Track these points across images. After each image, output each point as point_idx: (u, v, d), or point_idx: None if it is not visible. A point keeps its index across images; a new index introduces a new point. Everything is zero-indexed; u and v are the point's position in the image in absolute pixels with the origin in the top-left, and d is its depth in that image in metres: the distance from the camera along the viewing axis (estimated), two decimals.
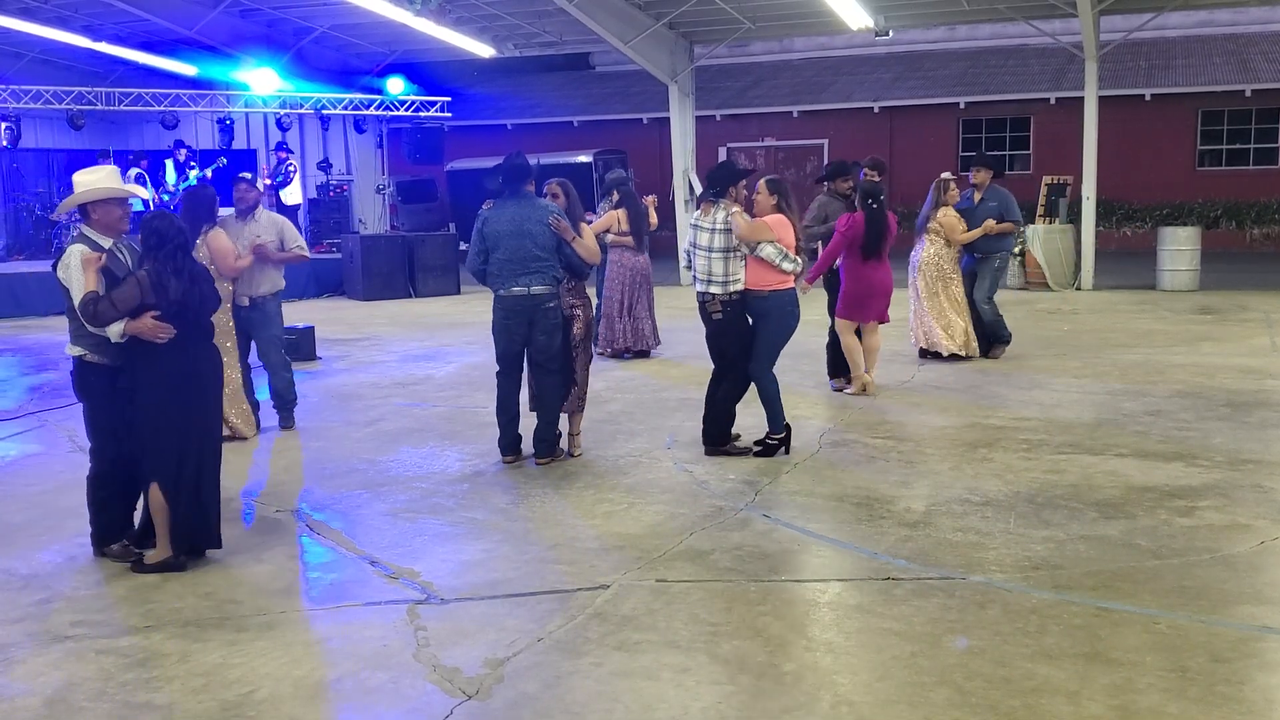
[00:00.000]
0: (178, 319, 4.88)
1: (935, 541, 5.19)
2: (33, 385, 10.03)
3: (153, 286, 4.83)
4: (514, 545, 5.29)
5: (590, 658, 3.98)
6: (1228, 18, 24.87)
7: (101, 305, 4.78)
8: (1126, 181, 23.06)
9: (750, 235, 6.66)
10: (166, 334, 4.84)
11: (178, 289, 4.87)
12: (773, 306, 6.80)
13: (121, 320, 4.79)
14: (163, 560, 4.97)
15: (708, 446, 7.00)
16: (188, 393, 4.95)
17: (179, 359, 4.92)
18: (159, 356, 4.88)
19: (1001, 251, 10.28)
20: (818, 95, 26.11)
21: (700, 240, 6.81)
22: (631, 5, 17.31)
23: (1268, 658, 3.97)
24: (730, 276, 6.76)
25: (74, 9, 17.82)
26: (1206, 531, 5.29)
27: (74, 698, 3.77)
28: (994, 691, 3.66)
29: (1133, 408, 8.06)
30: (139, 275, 4.86)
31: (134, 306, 4.80)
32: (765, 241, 6.67)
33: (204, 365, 5.07)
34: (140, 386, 4.93)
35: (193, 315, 4.98)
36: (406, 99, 20.16)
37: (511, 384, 6.81)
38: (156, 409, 4.90)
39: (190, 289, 4.93)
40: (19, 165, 20.05)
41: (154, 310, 4.82)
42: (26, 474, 6.84)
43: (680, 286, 18.25)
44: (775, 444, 6.92)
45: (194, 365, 5.00)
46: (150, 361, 4.89)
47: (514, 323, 6.64)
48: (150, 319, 4.81)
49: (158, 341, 4.84)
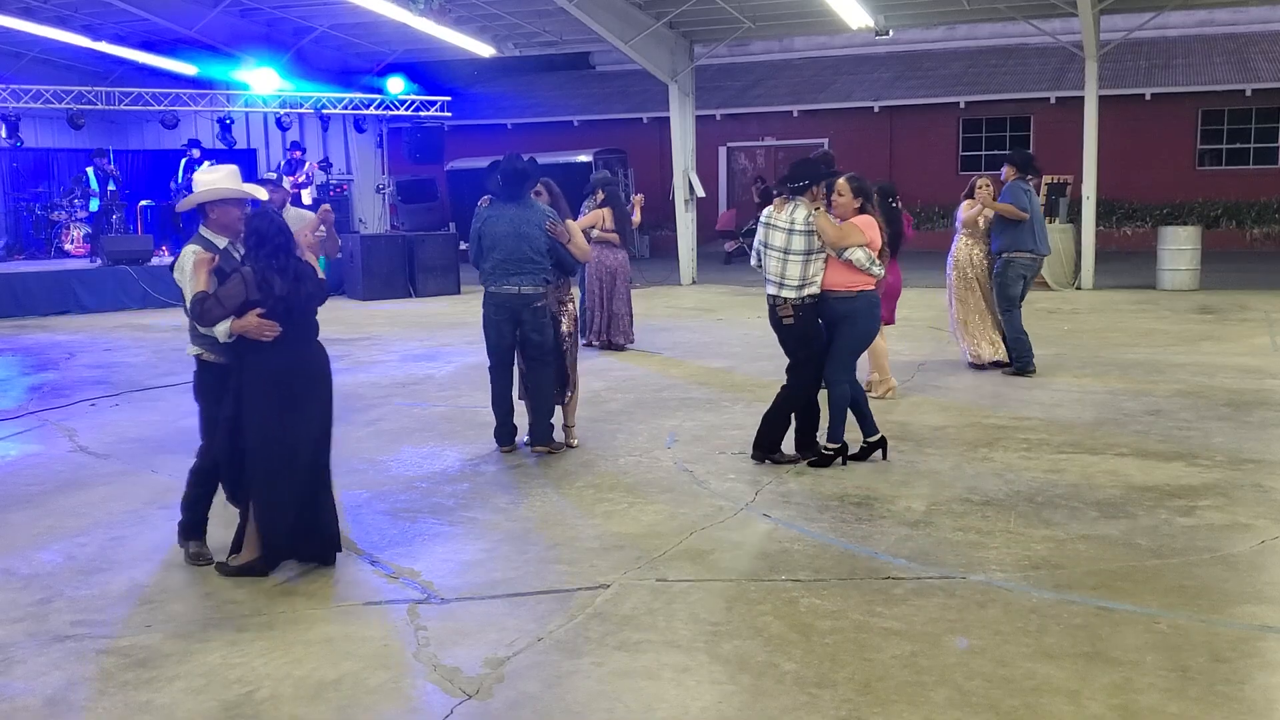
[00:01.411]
0: (283, 318, 4.78)
1: (935, 541, 5.19)
2: (33, 385, 10.03)
3: (256, 284, 4.75)
4: (514, 545, 5.29)
5: (590, 657, 3.98)
6: (1228, 17, 24.86)
7: (209, 304, 4.75)
8: (1126, 181, 23.04)
9: (840, 240, 6.26)
10: (272, 331, 4.75)
11: (282, 287, 4.77)
12: (860, 308, 6.39)
13: (228, 319, 4.74)
14: (246, 563, 4.92)
15: (754, 453, 6.65)
16: (291, 393, 4.84)
17: (283, 358, 4.82)
18: (264, 356, 4.80)
19: (1009, 252, 9.34)
20: (818, 95, 26.10)
21: (773, 240, 6.39)
22: (631, 4, 17.31)
23: (1268, 657, 3.97)
24: (807, 280, 6.35)
25: (74, 8, 17.82)
26: (1207, 531, 5.29)
27: (74, 697, 3.77)
28: (994, 691, 3.66)
29: (1133, 407, 8.06)
30: (244, 272, 4.78)
31: (239, 304, 4.75)
32: (855, 245, 6.27)
33: (310, 366, 4.95)
34: (245, 385, 4.85)
35: (298, 315, 4.86)
36: (406, 98, 20.16)
37: (504, 378, 7.05)
38: (260, 409, 4.81)
39: (295, 287, 4.82)
40: (19, 165, 20.05)
41: (259, 308, 4.75)
42: (26, 474, 6.84)
43: (680, 286, 18.26)
44: (829, 455, 6.51)
45: (299, 365, 4.89)
46: (255, 361, 4.82)
47: (501, 318, 6.86)
48: (255, 316, 4.74)
49: (263, 340, 4.76)
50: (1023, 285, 9.41)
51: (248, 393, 4.84)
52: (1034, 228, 9.34)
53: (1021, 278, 9.38)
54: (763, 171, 25.34)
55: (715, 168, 26.62)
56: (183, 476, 5.28)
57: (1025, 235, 9.34)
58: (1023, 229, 9.30)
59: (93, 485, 6.51)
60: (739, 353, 10.80)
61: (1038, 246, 9.40)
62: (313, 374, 4.95)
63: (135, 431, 7.87)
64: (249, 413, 4.83)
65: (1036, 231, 9.38)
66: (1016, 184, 9.45)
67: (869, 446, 6.65)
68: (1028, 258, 9.36)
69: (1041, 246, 9.44)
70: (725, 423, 7.83)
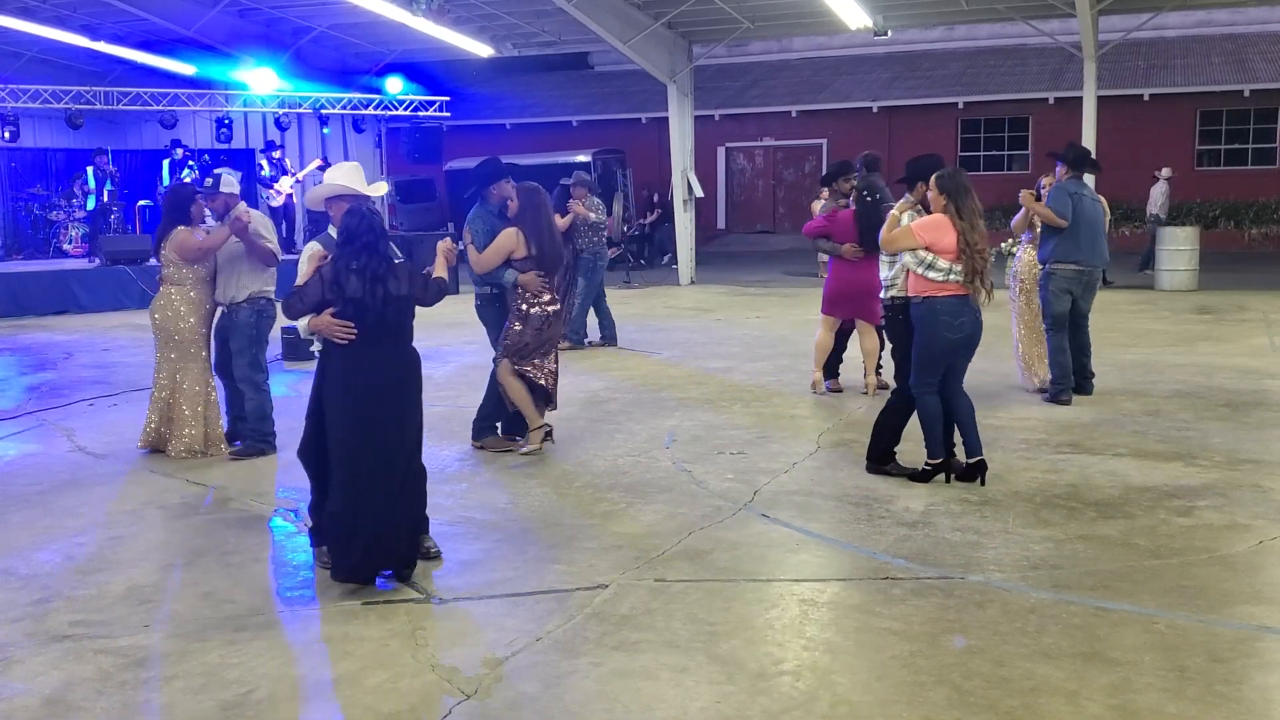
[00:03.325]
0: (357, 320, 4.65)
1: (934, 541, 5.19)
2: (31, 385, 10.02)
3: (331, 282, 4.68)
4: (512, 545, 5.28)
5: (589, 657, 3.98)
6: (1226, 18, 24.88)
7: (293, 298, 4.75)
8: (1125, 181, 23.06)
9: (889, 244, 6.12)
10: (345, 332, 4.65)
11: (357, 288, 4.63)
12: (920, 314, 6.02)
13: (307, 315, 4.73)
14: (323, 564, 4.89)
15: (867, 464, 6.42)
16: (361, 398, 4.67)
17: (353, 362, 4.69)
18: (337, 357, 4.73)
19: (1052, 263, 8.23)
20: (816, 95, 26.12)
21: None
22: (630, 5, 17.31)
23: (1266, 657, 3.98)
24: (890, 282, 6.34)
25: (72, 8, 17.81)
26: (1205, 531, 5.29)
27: (72, 697, 3.77)
28: (992, 691, 3.66)
29: (1131, 407, 8.06)
30: (322, 270, 4.73)
31: (315, 301, 4.71)
32: (905, 249, 6.03)
33: (385, 373, 4.73)
34: (324, 385, 4.80)
35: (372, 317, 4.66)
36: (405, 99, 20.17)
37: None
38: (335, 411, 4.72)
39: (371, 289, 4.65)
40: (17, 164, 20.04)
41: (333, 307, 4.68)
42: (25, 474, 6.83)
43: (679, 286, 18.26)
44: (928, 471, 6.17)
45: (372, 370, 4.69)
46: (330, 360, 4.77)
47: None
48: (328, 316, 4.68)
49: (337, 341, 4.68)
50: (1071, 301, 8.24)
51: (326, 393, 4.79)
52: (1081, 236, 8.16)
53: (1067, 292, 8.20)
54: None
55: (714, 168, 26.64)
56: (182, 476, 5.27)
57: (1070, 244, 8.17)
58: (1068, 237, 8.14)
59: (91, 485, 6.51)
60: (738, 353, 10.80)
61: (1086, 257, 8.22)
62: (387, 381, 4.72)
63: (133, 431, 7.84)
64: (328, 413, 4.76)
65: (1084, 240, 8.17)
66: (1062, 186, 8.30)
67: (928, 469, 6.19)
68: (1072, 270, 8.19)
69: (1092, 257, 8.26)
70: (724, 422, 7.83)
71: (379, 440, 4.69)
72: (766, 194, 27.14)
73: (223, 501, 6.14)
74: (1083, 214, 8.16)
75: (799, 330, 7.22)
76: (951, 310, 5.94)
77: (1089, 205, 8.26)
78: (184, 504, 6.11)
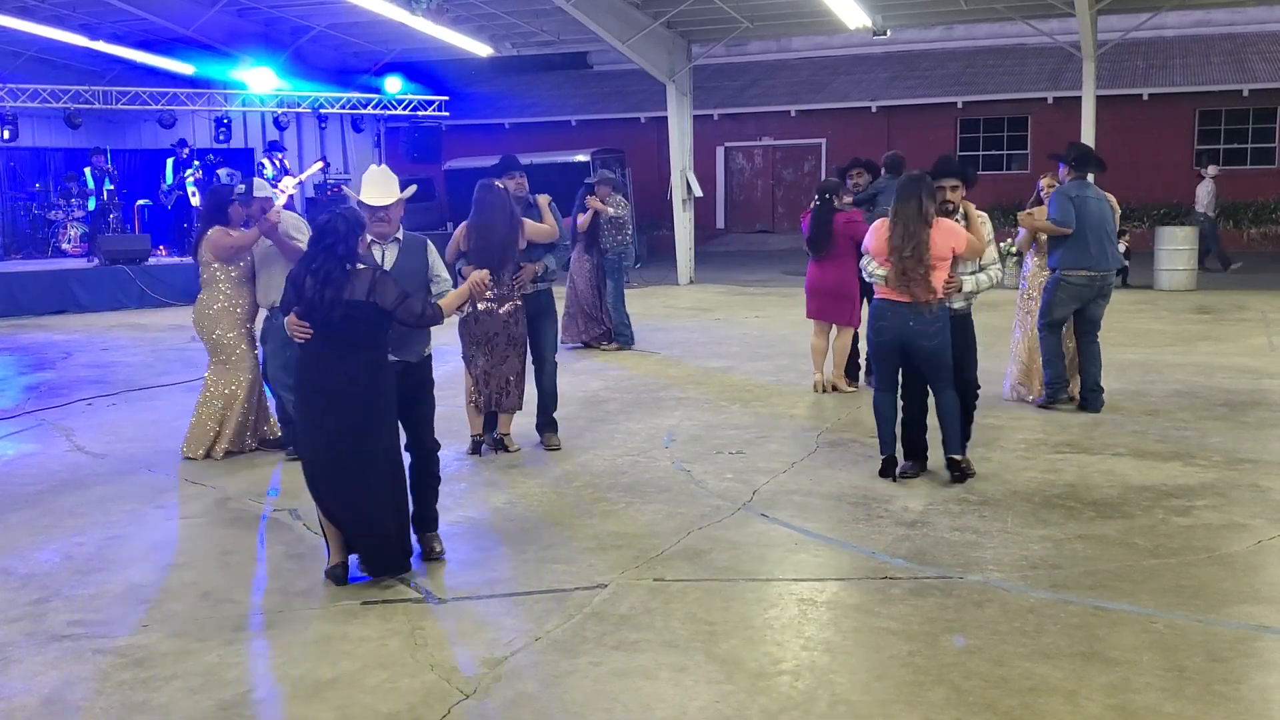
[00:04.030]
0: (310, 321, 4.63)
1: (933, 541, 5.20)
2: (30, 385, 10.01)
3: (290, 281, 4.73)
4: (511, 545, 5.29)
5: (588, 657, 3.98)
6: (1225, 17, 24.88)
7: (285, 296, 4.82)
8: (1124, 181, 23.05)
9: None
10: (301, 332, 4.66)
11: (312, 288, 4.59)
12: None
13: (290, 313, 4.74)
14: (329, 566, 4.86)
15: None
16: (312, 400, 4.72)
17: (309, 365, 4.72)
18: (300, 359, 4.79)
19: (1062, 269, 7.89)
20: (815, 95, 26.10)
21: None
22: (629, 4, 17.31)
23: (1265, 657, 3.98)
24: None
25: (71, 7, 17.81)
26: (1204, 531, 5.29)
27: (71, 697, 3.77)
28: (991, 690, 3.66)
29: (1130, 407, 8.06)
30: (294, 269, 4.77)
31: (289, 300, 4.74)
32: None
33: (336, 377, 4.64)
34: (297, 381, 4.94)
35: (319, 319, 4.61)
36: (404, 98, 20.17)
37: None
38: (299, 405, 4.86)
39: (320, 291, 4.57)
40: (15, 164, 20.02)
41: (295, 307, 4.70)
42: (24, 474, 6.83)
43: (678, 286, 18.25)
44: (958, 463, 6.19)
45: (325, 373, 4.66)
46: (299, 363, 4.84)
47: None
48: (292, 316, 4.70)
49: (296, 340, 4.73)
50: (1075, 308, 7.91)
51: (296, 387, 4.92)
52: (1089, 240, 7.78)
53: (1075, 300, 7.87)
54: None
55: (713, 168, 26.62)
56: (182, 476, 5.27)
57: (1079, 250, 7.79)
58: (1075, 243, 7.78)
59: (90, 485, 6.50)
60: (737, 352, 10.80)
61: (1096, 262, 7.81)
62: (338, 385, 4.63)
63: (133, 431, 7.86)
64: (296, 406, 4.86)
65: (1092, 244, 7.79)
66: (1062, 191, 7.97)
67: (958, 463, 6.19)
68: (1083, 276, 7.81)
69: (1102, 261, 7.85)
70: (723, 422, 7.84)
71: (335, 445, 4.63)
72: (765, 194, 27.13)
73: (223, 501, 6.14)
74: (1088, 217, 7.81)
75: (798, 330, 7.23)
76: (876, 312, 6.12)
77: (1094, 207, 7.89)
78: (184, 504, 6.11)
